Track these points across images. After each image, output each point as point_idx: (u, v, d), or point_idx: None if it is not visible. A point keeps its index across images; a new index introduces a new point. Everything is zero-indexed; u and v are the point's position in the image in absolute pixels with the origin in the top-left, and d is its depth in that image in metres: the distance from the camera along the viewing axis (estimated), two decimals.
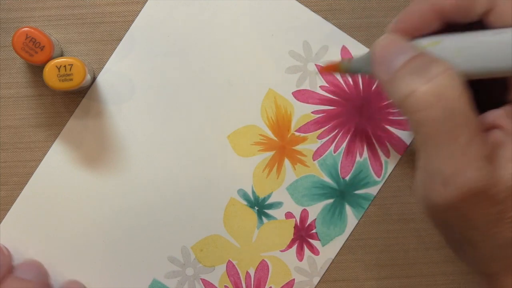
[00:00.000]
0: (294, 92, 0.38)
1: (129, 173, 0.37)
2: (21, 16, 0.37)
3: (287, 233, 0.38)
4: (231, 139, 0.37)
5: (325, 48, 0.37)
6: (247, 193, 0.38)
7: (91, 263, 0.37)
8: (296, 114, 0.38)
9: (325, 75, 0.37)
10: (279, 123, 0.38)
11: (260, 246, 0.38)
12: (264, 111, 0.38)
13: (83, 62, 0.34)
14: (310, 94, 0.38)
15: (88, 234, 0.37)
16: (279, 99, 0.38)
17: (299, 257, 0.38)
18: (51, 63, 0.34)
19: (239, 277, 0.38)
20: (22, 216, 0.37)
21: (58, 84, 0.34)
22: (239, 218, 0.38)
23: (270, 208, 0.38)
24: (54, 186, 0.37)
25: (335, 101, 0.38)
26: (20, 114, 0.37)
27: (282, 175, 0.38)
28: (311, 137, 0.38)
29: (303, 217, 0.38)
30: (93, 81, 0.37)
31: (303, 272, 0.38)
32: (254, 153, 0.38)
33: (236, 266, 0.38)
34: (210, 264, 0.38)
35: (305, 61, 0.37)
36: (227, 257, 0.38)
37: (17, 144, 0.37)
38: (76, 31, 0.37)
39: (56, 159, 0.37)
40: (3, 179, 0.38)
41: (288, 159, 0.38)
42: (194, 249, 0.38)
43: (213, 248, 0.38)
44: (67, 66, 0.34)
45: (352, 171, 0.38)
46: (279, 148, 0.38)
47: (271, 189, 0.38)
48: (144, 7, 0.37)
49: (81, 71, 0.34)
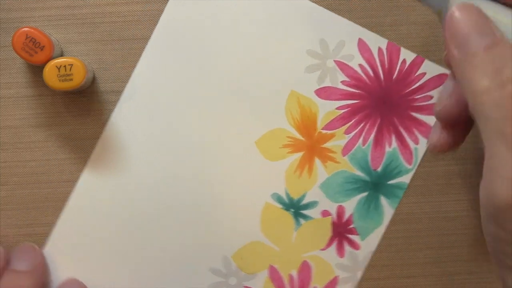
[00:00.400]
0: (316, 90, 0.38)
1: (162, 189, 0.37)
2: (21, 16, 0.37)
3: (325, 231, 0.38)
4: (259, 144, 0.37)
5: (341, 43, 0.37)
6: (281, 196, 0.38)
7: (132, 279, 0.37)
8: (320, 112, 0.38)
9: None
10: (305, 123, 0.38)
11: (300, 247, 0.38)
12: (288, 113, 0.38)
13: (83, 62, 0.34)
14: (332, 91, 0.38)
15: (126, 250, 0.37)
16: (302, 99, 0.38)
17: (340, 253, 0.38)
18: (51, 63, 0.34)
19: (282, 280, 0.38)
20: (66, 233, 0.37)
21: (58, 84, 0.34)
22: (276, 221, 0.38)
23: (305, 208, 0.38)
24: (95, 201, 0.37)
25: (358, 94, 0.38)
26: (20, 114, 0.37)
27: (314, 174, 0.38)
28: (338, 133, 0.38)
29: (339, 213, 0.38)
30: (93, 81, 0.37)
31: (346, 268, 0.38)
32: (284, 156, 0.38)
33: (278, 270, 0.38)
34: (252, 271, 0.38)
35: (323, 59, 0.37)
36: (268, 262, 0.38)
37: (17, 144, 0.37)
38: (76, 31, 0.37)
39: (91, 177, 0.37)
40: (3, 179, 0.38)
41: (318, 157, 0.38)
42: (234, 258, 0.38)
43: (253, 254, 0.38)
44: (67, 66, 0.34)
45: (383, 162, 0.38)
46: (308, 147, 0.38)
47: (305, 189, 0.38)
48: (164, 11, 0.37)
49: (81, 71, 0.34)
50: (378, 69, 0.38)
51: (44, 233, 0.38)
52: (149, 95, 0.37)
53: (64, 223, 0.38)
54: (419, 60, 0.38)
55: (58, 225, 0.38)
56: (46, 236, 0.38)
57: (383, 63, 0.38)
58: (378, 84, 0.38)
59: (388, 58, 0.38)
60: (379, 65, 0.38)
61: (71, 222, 0.37)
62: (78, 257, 0.38)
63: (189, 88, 0.37)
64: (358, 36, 0.38)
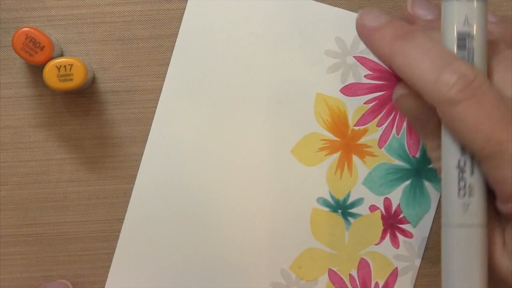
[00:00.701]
0: (342, 89, 0.38)
1: (207, 210, 0.38)
2: (21, 16, 0.37)
3: (376, 226, 0.38)
4: (295, 152, 0.38)
5: (357, 38, 0.37)
6: (327, 199, 0.38)
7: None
8: (349, 109, 0.38)
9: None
10: (336, 123, 0.38)
11: (354, 246, 0.38)
12: (318, 116, 0.38)
13: (83, 62, 0.34)
14: (358, 86, 0.38)
15: (188, 272, 0.38)
16: (329, 100, 0.38)
17: (395, 245, 0.38)
18: (51, 63, 0.34)
19: (343, 281, 0.38)
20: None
21: (58, 84, 0.34)
22: (327, 225, 0.38)
23: (352, 207, 0.38)
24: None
25: (383, 85, 0.38)
26: (20, 114, 0.37)
27: (354, 172, 0.38)
28: (371, 127, 0.38)
29: (386, 205, 0.38)
30: (93, 81, 0.37)
31: (403, 258, 0.38)
32: (322, 159, 0.38)
33: (338, 272, 0.38)
34: (313, 277, 0.38)
35: (343, 57, 0.38)
36: (326, 266, 0.38)
37: (17, 144, 0.37)
38: (76, 31, 0.37)
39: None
40: (3, 179, 0.38)
41: (356, 154, 0.38)
42: (292, 268, 0.38)
43: (311, 261, 0.38)
44: (67, 66, 0.34)
45: (420, 147, 0.38)
46: (344, 147, 0.38)
47: (348, 188, 0.38)
48: (183, 18, 0.37)
49: (81, 71, 0.34)
50: None
51: (44, 233, 0.38)
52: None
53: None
54: None
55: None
56: (46, 236, 0.38)
57: None
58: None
59: None
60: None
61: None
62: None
63: (217, 104, 0.38)
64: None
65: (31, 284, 0.38)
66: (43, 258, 0.38)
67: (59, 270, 0.38)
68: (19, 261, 0.38)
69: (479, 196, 0.27)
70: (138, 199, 0.38)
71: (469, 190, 0.27)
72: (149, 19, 0.38)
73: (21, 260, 0.38)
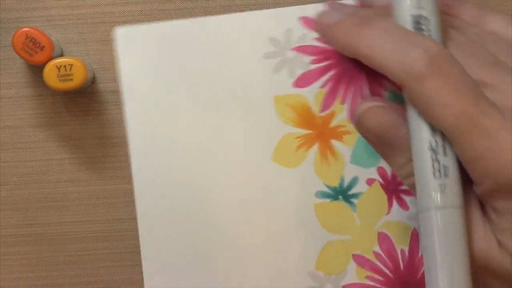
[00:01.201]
0: (294, 83, 0.38)
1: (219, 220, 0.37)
2: (21, 16, 0.37)
3: (380, 197, 0.37)
4: (276, 159, 0.37)
5: (289, 31, 0.37)
6: (324, 191, 0.37)
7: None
8: (310, 99, 0.38)
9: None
10: (303, 117, 0.38)
11: (368, 224, 0.37)
12: (284, 118, 0.38)
13: (83, 62, 0.34)
14: (308, 75, 0.38)
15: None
16: (287, 98, 0.38)
17: (404, 207, 0.37)
18: (51, 63, 0.34)
19: (370, 261, 0.38)
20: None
21: (58, 84, 0.34)
22: (334, 215, 0.37)
23: (351, 188, 0.37)
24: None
25: (331, 64, 0.37)
26: (20, 114, 0.37)
27: (339, 155, 0.38)
28: (336, 107, 0.38)
29: (382, 174, 0.38)
30: (93, 81, 0.37)
31: (416, 216, 0.38)
32: (304, 156, 0.38)
33: (362, 254, 0.38)
34: (341, 269, 0.38)
35: (282, 53, 0.36)
36: (349, 253, 0.38)
37: (17, 144, 0.38)
38: (76, 31, 0.37)
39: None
40: (3, 179, 0.38)
41: (333, 138, 0.38)
42: (318, 267, 0.37)
43: (333, 255, 0.38)
44: (67, 66, 0.34)
45: None
46: (319, 136, 0.38)
47: (340, 173, 0.37)
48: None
49: (81, 71, 0.34)
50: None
51: (44, 233, 0.38)
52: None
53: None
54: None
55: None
56: (46, 236, 0.38)
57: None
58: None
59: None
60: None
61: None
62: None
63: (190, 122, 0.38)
64: (298, 15, 0.38)
65: (31, 284, 0.38)
66: (43, 258, 0.38)
67: (59, 270, 0.38)
68: (19, 261, 0.38)
69: (455, 177, 0.27)
70: (142, 199, 0.38)
71: (444, 170, 0.27)
72: (149, 20, 0.38)
73: (21, 260, 0.38)
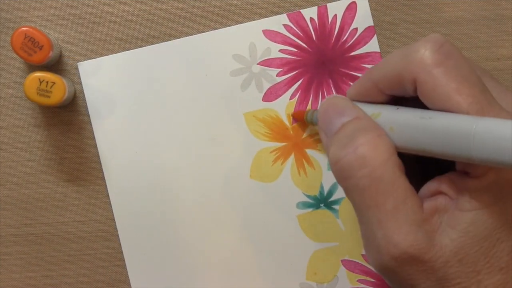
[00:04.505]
0: (263, 98, 0.38)
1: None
2: (21, 16, 0.37)
3: None
4: (254, 176, 0.38)
5: (252, 46, 0.38)
6: (305, 201, 0.38)
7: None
8: (280, 112, 0.38)
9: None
10: (276, 130, 0.38)
11: (353, 228, 0.38)
12: (256, 133, 0.38)
13: (66, 83, 0.34)
14: (275, 88, 0.38)
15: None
16: (258, 114, 0.38)
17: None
18: (35, 74, 0.34)
19: (360, 264, 0.38)
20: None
21: (35, 97, 0.34)
22: (318, 224, 0.38)
23: (331, 195, 0.38)
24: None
25: (297, 74, 0.37)
26: (20, 114, 0.38)
27: (315, 164, 0.38)
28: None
29: None
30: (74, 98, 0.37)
31: None
32: (281, 169, 0.38)
33: (350, 259, 0.38)
34: (331, 276, 0.38)
35: (248, 69, 0.37)
36: (337, 259, 0.38)
37: (16, 144, 0.38)
38: (75, 31, 0.37)
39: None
40: (3, 179, 0.38)
41: (307, 148, 0.38)
42: (309, 278, 0.38)
43: (322, 263, 0.38)
44: (49, 83, 0.34)
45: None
46: (294, 147, 0.38)
47: (318, 181, 0.38)
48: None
49: (60, 92, 0.34)
50: (298, 40, 0.38)
51: (44, 233, 0.38)
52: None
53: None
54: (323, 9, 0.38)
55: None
56: (46, 235, 0.38)
57: (296, 32, 0.38)
58: (308, 51, 0.38)
59: (296, 25, 0.38)
60: (296, 37, 0.38)
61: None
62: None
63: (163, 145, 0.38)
64: (261, 29, 0.38)
65: (31, 283, 0.38)
66: (43, 258, 0.38)
67: (59, 270, 0.38)
68: (19, 261, 0.38)
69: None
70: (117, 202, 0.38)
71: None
72: (149, 19, 0.38)
73: (21, 260, 0.38)
